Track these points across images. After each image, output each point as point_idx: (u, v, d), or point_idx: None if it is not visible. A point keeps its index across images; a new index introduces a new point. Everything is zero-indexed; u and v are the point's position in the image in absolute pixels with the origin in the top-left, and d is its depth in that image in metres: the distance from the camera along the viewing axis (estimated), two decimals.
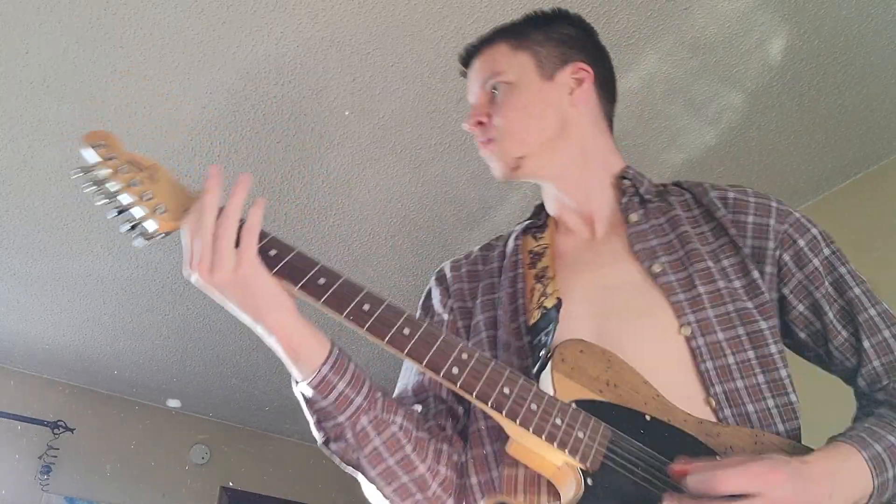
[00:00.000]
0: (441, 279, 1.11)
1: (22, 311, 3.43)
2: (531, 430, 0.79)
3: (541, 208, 1.12)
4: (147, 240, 0.85)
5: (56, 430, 3.98)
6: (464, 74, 1.14)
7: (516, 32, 1.09)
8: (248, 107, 2.30)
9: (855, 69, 2.20)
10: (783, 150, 2.51)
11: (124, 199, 0.84)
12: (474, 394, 0.80)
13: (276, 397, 4.18)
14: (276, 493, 4.56)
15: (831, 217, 2.65)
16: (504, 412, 0.80)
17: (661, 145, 2.44)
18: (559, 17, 1.11)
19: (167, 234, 0.85)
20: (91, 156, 0.85)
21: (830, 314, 0.94)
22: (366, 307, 0.81)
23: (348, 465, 0.91)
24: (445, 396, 1.01)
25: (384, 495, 0.91)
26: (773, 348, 0.90)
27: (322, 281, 0.82)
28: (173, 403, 4.31)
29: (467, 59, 1.12)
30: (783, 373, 0.89)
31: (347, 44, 2.10)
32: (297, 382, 0.88)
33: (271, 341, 0.86)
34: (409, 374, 1.05)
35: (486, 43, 1.10)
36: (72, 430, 4.03)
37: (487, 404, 0.80)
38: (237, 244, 0.81)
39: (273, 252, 0.84)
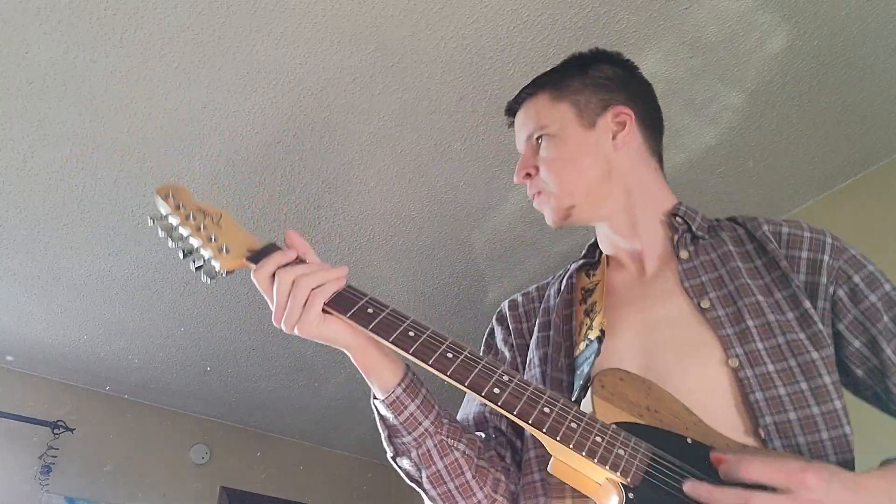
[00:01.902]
0: (501, 319, 1.17)
1: (22, 311, 3.43)
2: (571, 446, 0.81)
3: (594, 246, 1.15)
4: (211, 278, 0.93)
5: (56, 430, 3.97)
6: (510, 125, 1.16)
7: (555, 82, 1.11)
8: (247, 107, 2.30)
9: (855, 69, 2.20)
10: (783, 150, 2.51)
11: (193, 241, 0.94)
12: (515, 412, 0.83)
13: (276, 397, 4.18)
14: (276, 493, 4.55)
15: (831, 217, 2.65)
16: (544, 429, 0.82)
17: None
18: (596, 58, 1.13)
19: (230, 272, 0.92)
20: (162, 206, 0.96)
21: (888, 350, 0.92)
22: (411, 333, 0.86)
23: (413, 480, 0.96)
24: (505, 429, 1.05)
25: None
26: (827, 379, 0.89)
27: (370, 310, 0.88)
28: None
29: (512, 110, 1.15)
30: (837, 404, 0.88)
31: (347, 44, 2.10)
32: (374, 397, 0.95)
33: (351, 359, 0.93)
34: (469, 406, 1.09)
35: (527, 95, 1.12)
36: (72, 430, 4.03)
37: (528, 422, 0.82)
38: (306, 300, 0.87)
39: (370, 310, 0.89)
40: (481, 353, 0.89)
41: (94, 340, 3.66)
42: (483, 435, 1.03)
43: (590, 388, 0.88)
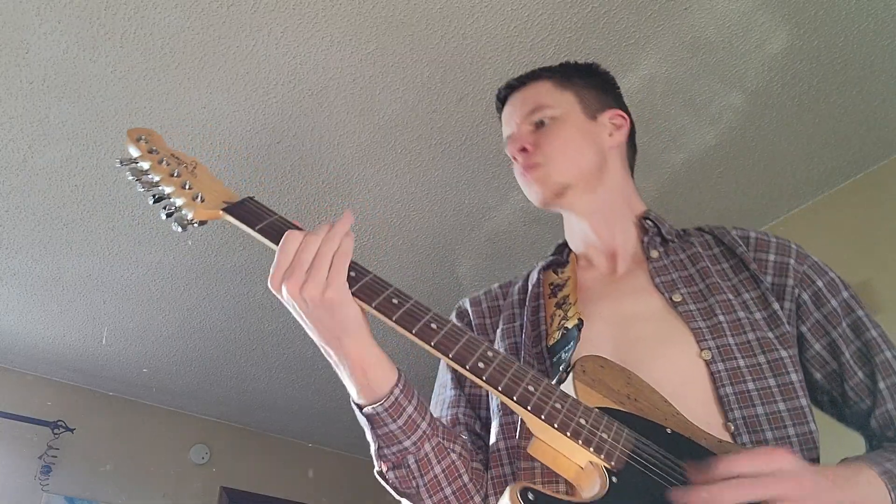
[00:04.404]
0: (462, 314, 1.14)
1: (22, 311, 3.43)
2: (556, 425, 0.79)
3: (562, 246, 1.15)
4: (183, 227, 0.87)
5: (56, 430, 3.97)
6: (499, 108, 1.16)
7: (559, 73, 1.13)
8: (247, 107, 2.31)
9: (855, 69, 2.20)
10: (783, 150, 2.51)
11: (164, 188, 0.88)
12: (500, 387, 0.80)
13: (277, 397, 4.18)
14: (276, 493, 4.56)
15: (831, 217, 2.65)
16: (529, 407, 0.79)
17: (662, 145, 2.44)
18: (594, 69, 1.17)
19: (203, 223, 0.87)
20: (133, 149, 0.91)
21: (847, 354, 0.94)
22: (395, 301, 0.83)
23: (404, 494, 0.92)
24: (479, 430, 1.03)
25: None
26: (794, 377, 0.91)
27: (352, 274, 0.83)
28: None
29: (507, 94, 1.15)
30: (804, 402, 0.90)
31: (348, 44, 2.10)
32: (359, 408, 0.89)
33: (344, 363, 0.87)
34: (440, 408, 1.07)
35: (529, 79, 1.13)
36: (72, 430, 4.03)
37: (512, 398, 0.80)
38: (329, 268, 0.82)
39: (352, 273, 0.84)
40: (465, 327, 0.87)
41: (94, 340, 3.66)
42: (467, 438, 1.01)
43: (571, 373, 0.87)
